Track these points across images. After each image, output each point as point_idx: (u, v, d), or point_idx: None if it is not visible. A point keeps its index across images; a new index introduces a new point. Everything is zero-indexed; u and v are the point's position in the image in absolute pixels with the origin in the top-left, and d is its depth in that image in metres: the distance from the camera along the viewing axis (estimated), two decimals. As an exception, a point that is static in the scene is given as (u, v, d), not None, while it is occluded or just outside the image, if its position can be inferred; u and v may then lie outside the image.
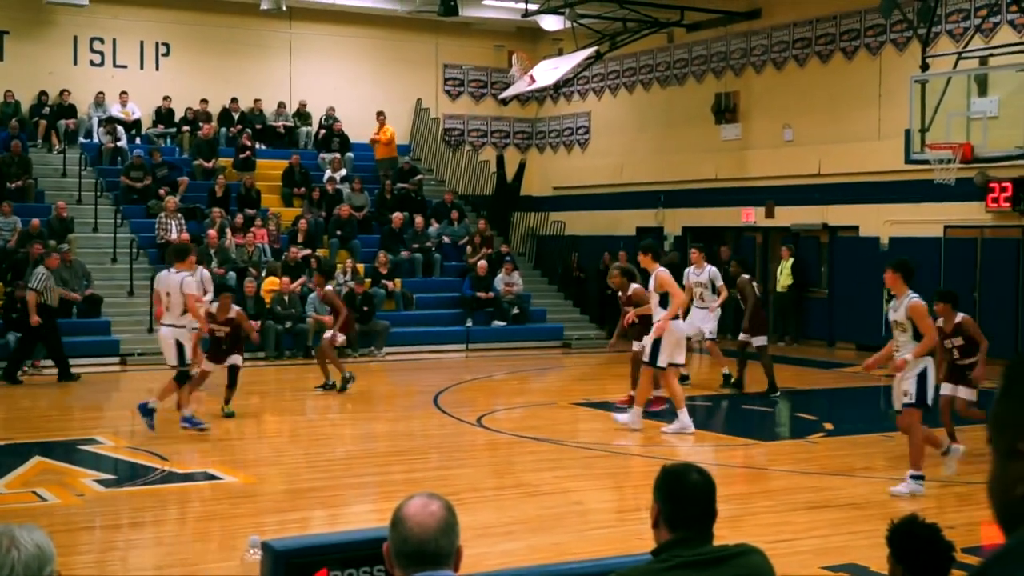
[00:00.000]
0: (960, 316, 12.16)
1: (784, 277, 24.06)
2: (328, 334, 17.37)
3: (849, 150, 23.13)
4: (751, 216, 25.41)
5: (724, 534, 3.72)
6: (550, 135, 31.66)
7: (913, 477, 10.47)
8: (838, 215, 23.71)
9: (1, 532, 3.10)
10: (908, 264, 11.00)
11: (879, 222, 22.84)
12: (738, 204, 25.58)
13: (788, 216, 24.62)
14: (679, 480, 3.71)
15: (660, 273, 13.65)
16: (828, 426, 14.45)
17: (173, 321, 13.51)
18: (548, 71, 26.72)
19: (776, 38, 25.11)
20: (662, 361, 13.49)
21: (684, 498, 3.67)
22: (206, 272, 16.44)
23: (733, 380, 17.45)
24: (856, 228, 23.45)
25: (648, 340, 13.68)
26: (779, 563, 3.79)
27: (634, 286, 15.23)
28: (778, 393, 16.89)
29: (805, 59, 24.50)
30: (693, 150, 26.75)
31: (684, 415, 13.58)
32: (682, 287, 14.92)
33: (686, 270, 17.90)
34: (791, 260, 23.98)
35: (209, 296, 15.69)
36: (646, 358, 13.69)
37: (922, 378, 10.64)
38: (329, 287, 17.98)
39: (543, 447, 13.19)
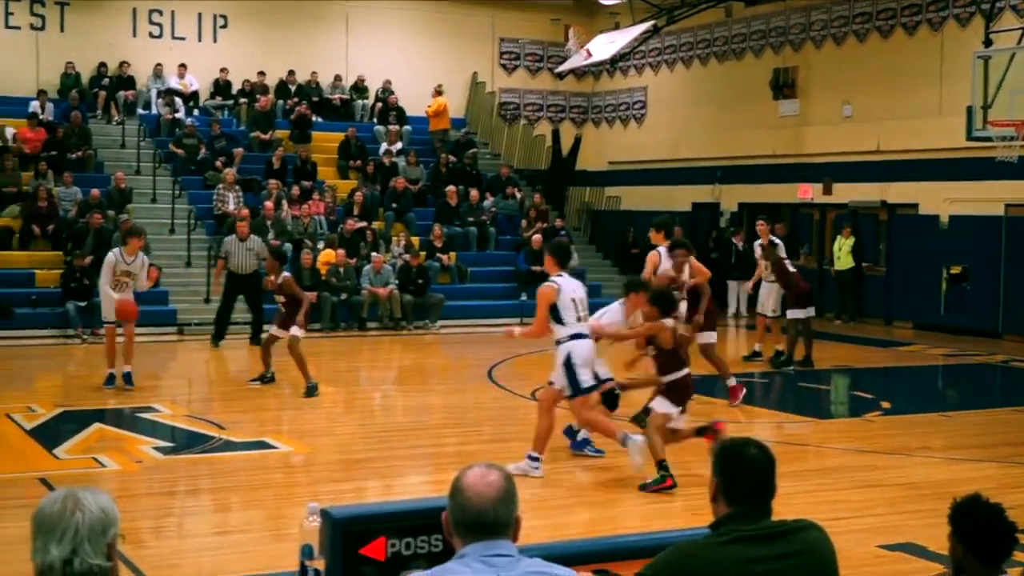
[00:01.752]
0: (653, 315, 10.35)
1: (844, 255, 23.84)
2: (295, 330, 14.51)
3: (909, 127, 22.85)
4: (808, 193, 25.20)
5: (779, 511, 3.70)
6: (606, 109, 31.52)
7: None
8: (897, 192, 23.45)
9: (66, 495, 3.14)
10: (563, 247, 10.89)
11: (939, 200, 22.57)
12: (795, 181, 25.36)
13: (846, 193, 24.38)
14: (738, 454, 3.68)
15: (652, 254, 13.30)
16: (885, 405, 14.34)
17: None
18: (605, 45, 26.59)
19: (836, 13, 24.82)
20: None
21: (743, 472, 3.64)
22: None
23: (783, 358, 17.27)
24: (916, 206, 23.19)
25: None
26: (835, 541, 3.76)
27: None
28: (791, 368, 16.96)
29: (865, 34, 24.20)
30: (750, 126, 26.54)
31: None
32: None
33: (755, 244, 17.82)
34: (851, 240, 23.76)
35: None
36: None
37: (568, 367, 10.00)
38: (287, 274, 14.93)
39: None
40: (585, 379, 10.08)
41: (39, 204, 22.01)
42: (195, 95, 27.28)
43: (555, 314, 10.14)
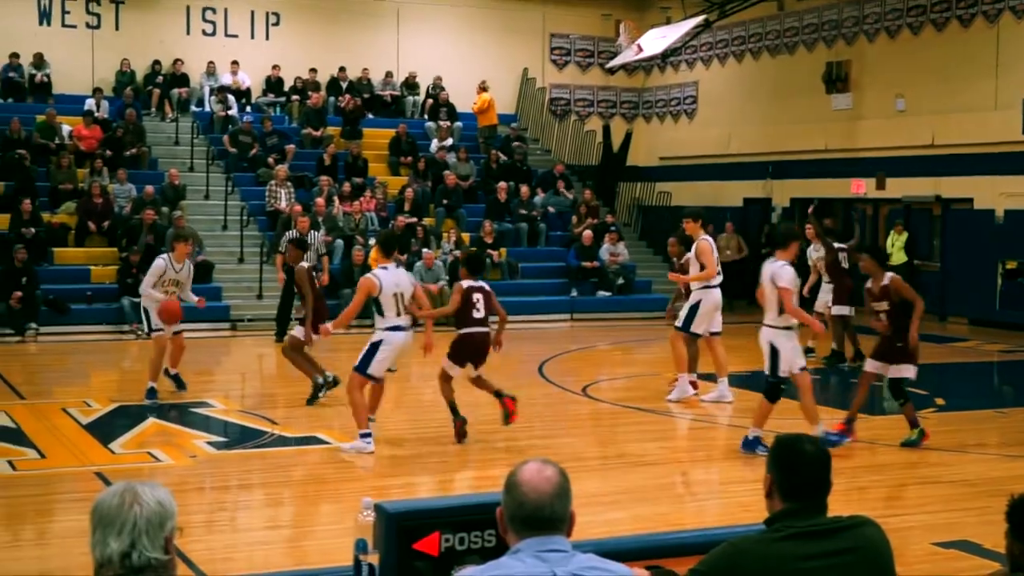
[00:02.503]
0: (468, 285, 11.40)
1: (897, 252, 23.63)
2: (297, 331, 13.69)
3: (964, 120, 22.60)
4: (861, 187, 24.99)
5: (832, 508, 3.68)
6: (657, 105, 31.42)
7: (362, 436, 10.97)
8: (952, 187, 23.21)
9: (124, 489, 3.17)
10: (392, 238, 11.82)
11: (994, 194, 22.31)
12: (848, 175, 25.16)
13: (900, 188, 24.16)
14: (793, 450, 3.67)
15: (701, 242, 13.56)
16: (940, 401, 14.18)
17: (771, 321, 10.99)
18: (656, 40, 26.49)
19: (890, 5, 24.59)
20: (696, 328, 13.61)
21: (798, 468, 3.63)
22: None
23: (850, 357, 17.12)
24: (970, 200, 22.95)
25: (685, 306, 13.71)
26: (888, 538, 3.74)
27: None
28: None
29: (920, 27, 23.97)
30: (802, 120, 26.36)
31: (724, 385, 13.77)
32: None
33: (807, 249, 17.71)
34: (904, 236, 23.54)
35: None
36: (679, 323, 13.69)
37: (371, 348, 11.00)
38: (304, 264, 13.91)
39: (647, 417, 13.15)
40: (377, 366, 10.96)
41: (94, 201, 22.25)
42: (247, 92, 27.47)
43: (376, 306, 10.96)
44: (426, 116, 28.65)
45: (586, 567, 3.20)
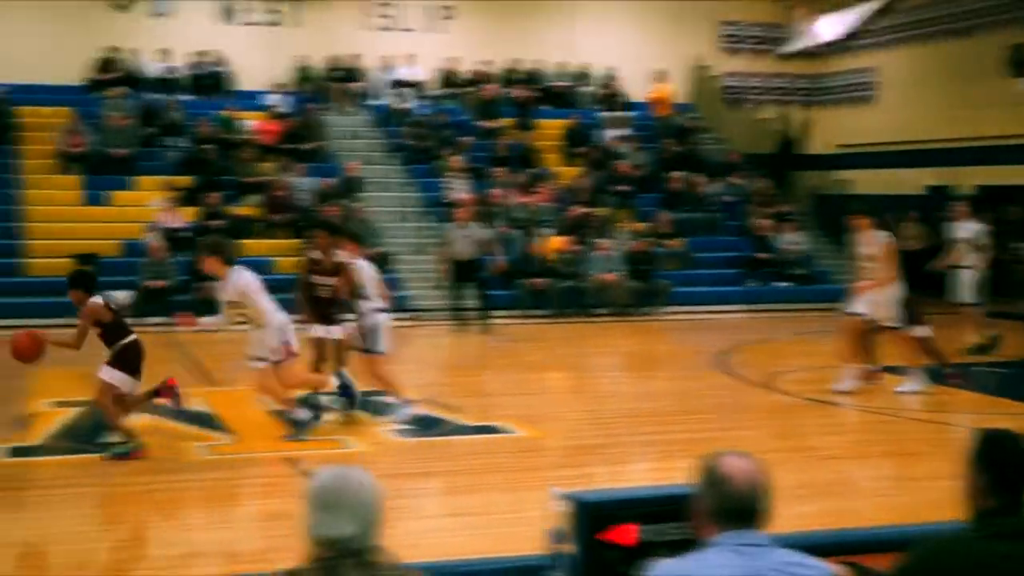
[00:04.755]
0: None
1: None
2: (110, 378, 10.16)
3: None
4: (1049, 174, 24.08)
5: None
6: (834, 91, 30.76)
7: None
8: None
9: (348, 474, 3.31)
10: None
11: None
12: (1035, 162, 24.28)
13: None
14: (1001, 446, 3.56)
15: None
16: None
17: None
18: (832, 25, 25.99)
19: (1082, -16, 23.64)
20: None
21: (1006, 465, 3.52)
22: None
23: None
24: None
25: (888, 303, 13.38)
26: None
27: None
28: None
29: (1114, 5, 22.99)
30: (986, 105, 25.48)
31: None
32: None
33: (956, 226, 17.37)
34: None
35: None
36: (900, 323, 13.39)
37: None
38: (99, 299, 10.19)
39: (832, 410, 12.91)
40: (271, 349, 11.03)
41: (277, 194, 22.84)
42: (422, 85, 27.85)
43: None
44: (599, 106, 28.62)
45: (786, 562, 3.17)
